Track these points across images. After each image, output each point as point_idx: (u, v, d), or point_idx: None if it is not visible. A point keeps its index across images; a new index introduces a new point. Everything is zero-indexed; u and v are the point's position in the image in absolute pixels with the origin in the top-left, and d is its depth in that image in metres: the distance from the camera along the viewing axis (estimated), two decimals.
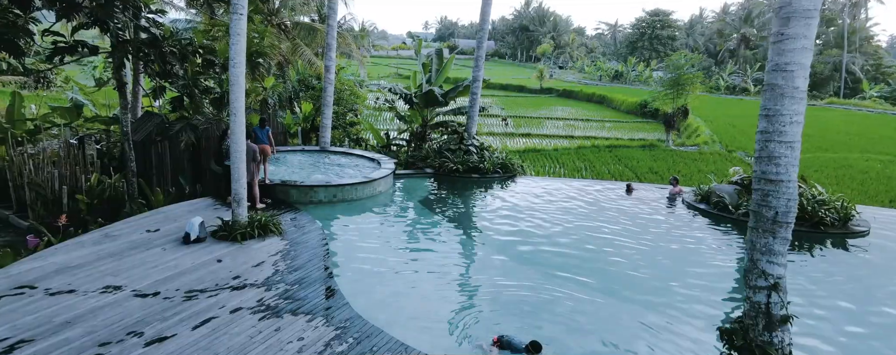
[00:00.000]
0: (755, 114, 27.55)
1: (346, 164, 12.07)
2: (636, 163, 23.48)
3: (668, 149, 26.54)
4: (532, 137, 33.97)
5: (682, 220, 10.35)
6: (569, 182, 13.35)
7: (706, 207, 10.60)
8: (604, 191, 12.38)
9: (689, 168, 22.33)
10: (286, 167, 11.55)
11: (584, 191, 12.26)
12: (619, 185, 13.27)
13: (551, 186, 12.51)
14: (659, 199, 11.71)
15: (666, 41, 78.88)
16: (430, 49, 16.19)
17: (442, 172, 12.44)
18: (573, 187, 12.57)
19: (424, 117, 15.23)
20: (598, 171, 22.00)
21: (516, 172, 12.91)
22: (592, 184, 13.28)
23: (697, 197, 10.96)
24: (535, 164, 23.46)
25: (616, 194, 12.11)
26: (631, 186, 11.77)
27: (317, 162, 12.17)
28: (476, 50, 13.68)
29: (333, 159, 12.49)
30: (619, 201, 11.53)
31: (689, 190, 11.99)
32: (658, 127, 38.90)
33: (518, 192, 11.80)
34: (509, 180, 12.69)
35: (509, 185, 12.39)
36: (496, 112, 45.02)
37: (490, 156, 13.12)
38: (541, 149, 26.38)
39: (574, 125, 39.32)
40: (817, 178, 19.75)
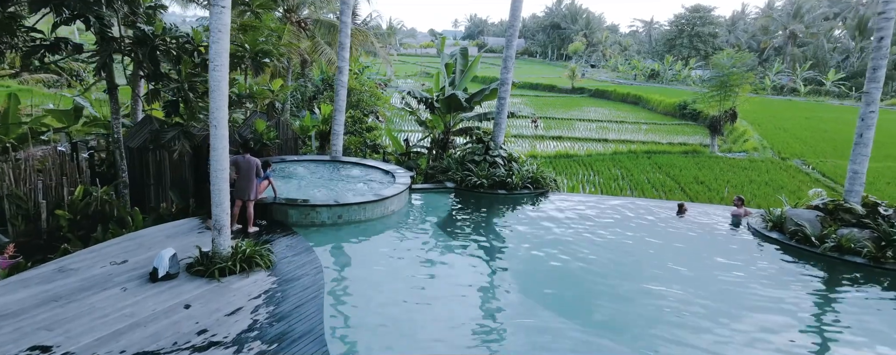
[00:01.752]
0: (806, 116, 25.00)
1: (358, 177, 10.76)
2: (678, 171, 21.48)
3: (714, 156, 24.38)
4: (563, 140, 32.16)
5: (750, 252, 8.63)
6: (607, 200, 11.72)
7: (780, 237, 8.82)
8: (650, 212, 10.71)
9: (739, 177, 20.23)
10: (290, 180, 10.32)
11: (627, 212, 10.61)
12: (666, 204, 11.56)
13: (588, 205, 10.90)
14: (718, 224, 9.95)
15: (707, 38, 75.16)
16: (455, 47, 14.69)
17: (464, 187, 11.00)
18: (613, 207, 10.93)
19: (447, 123, 13.82)
20: (636, 180, 20.15)
21: (548, 187, 11.36)
22: (634, 202, 11.60)
23: (768, 223, 9.16)
24: (568, 172, 21.75)
25: (665, 215, 10.44)
26: (683, 207, 10.05)
27: (325, 174, 10.90)
28: (505, 49, 12.18)
29: (344, 171, 11.21)
30: (669, 225, 9.86)
31: (757, 212, 10.17)
32: (699, 130, 36.41)
33: (551, 213, 10.26)
34: (540, 197, 11.14)
35: (541, 204, 10.85)
36: (526, 113, 43.33)
37: (518, 168, 11.60)
38: (573, 155, 24.61)
39: (607, 127, 37.24)
40: (892, 193, 17.45)
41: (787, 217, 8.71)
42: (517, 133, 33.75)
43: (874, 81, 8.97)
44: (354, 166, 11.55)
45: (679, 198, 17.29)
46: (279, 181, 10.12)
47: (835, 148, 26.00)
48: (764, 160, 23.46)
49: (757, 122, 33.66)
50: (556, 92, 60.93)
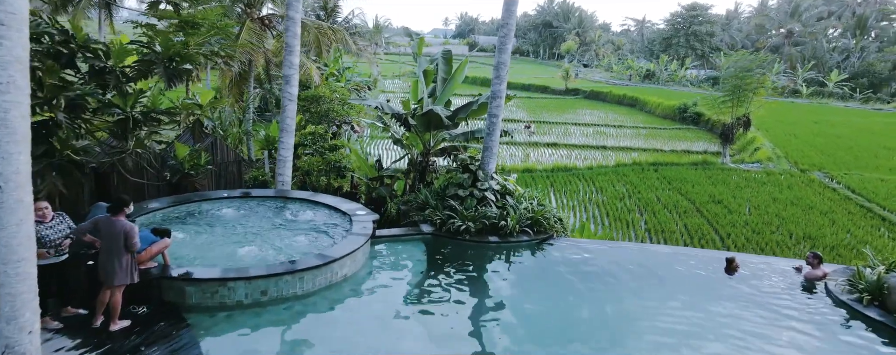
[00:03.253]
0: (814, 120, 22.11)
1: (303, 226, 8.19)
2: (691, 187, 19.13)
3: (726, 168, 22.10)
4: (559, 148, 29.76)
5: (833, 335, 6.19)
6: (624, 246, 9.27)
7: (881, 316, 6.26)
8: (687, 264, 8.27)
9: (760, 195, 17.92)
10: (207, 231, 7.73)
11: (656, 265, 8.17)
12: (708, 254, 9.09)
13: (605, 255, 8.43)
14: (784, 287, 7.32)
15: (704, 38, 73.19)
16: (439, 49, 12.13)
17: (445, 233, 8.48)
18: (637, 257, 8.48)
19: (426, 143, 11.30)
20: (645, 199, 17.76)
21: (553, 230, 8.87)
22: (664, 251, 9.12)
23: (861, 293, 6.59)
24: (568, 189, 19.31)
25: (710, 269, 8.01)
26: (734, 262, 7.59)
27: (262, 218, 8.32)
28: (497, 53, 9.71)
29: (288, 213, 8.64)
30: (715, 288, 7.42)
31: (833, 268, 7.54)
32: (702, 135, 34.20)
33: (560, 272, 7.77)
34: (543, 245, 8.65)
35: (544, 254, 8.35)
36: (520, 116, 40.89)
37: (515, 205, 9.09)
38: (572, 168, 22.18)
39: (605, 132, 34.92)
40: None
41: (892, 286, 6.18)
42: (509, 140, 31.34)
43: None
44: (303, 204, 8.98)
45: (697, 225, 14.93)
46: (192, 232, 7.53)
47: (856, 157, 23.86)
48: (782, 172, 21.21)
49: (764, 128, 31.48)
50: (549, 93, 58.61)
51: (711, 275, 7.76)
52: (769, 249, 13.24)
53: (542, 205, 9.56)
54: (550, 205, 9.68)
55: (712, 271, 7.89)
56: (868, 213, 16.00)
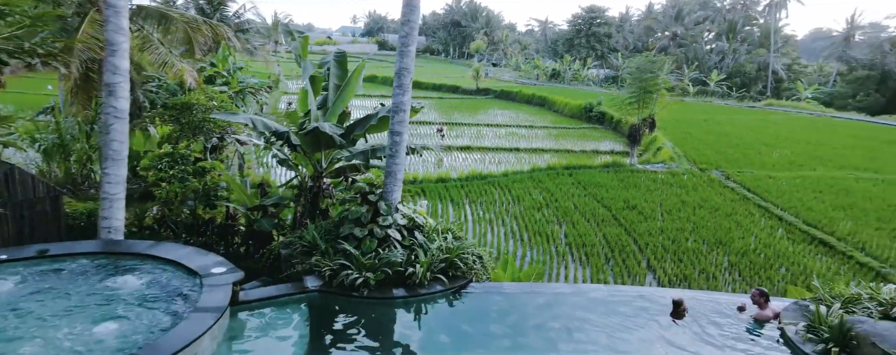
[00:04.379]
0: (703, 118, 22.59)
1: (124, 300, 5.90)
2: (605, 192, 18.85)
3: (635, 170, 22.32)
4: (473, 151, 28.79)
5: None
6: (556, 289, 8.05)
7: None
8: (627, 307, 7.17)
9: (670, 199, 18.01)
10: None
11: (593, 311, 6.97)
12: (650, 293, 8.05)
13: (533, 302, 7.08)
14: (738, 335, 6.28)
15: (602, 38, 77.09)
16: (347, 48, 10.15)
17: (337, 289, 6.64)
18: (571, 302, 7.24)
19: (316, 164, 9.32)
20: (564, 208, 17.08)
21: (472, 272, 7.37)
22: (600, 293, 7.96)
23: (821, 341, 5.51)
24: (484, 199, 18.15)
25: (654, 312, 6.95)
26: (682, 306, 6.51)
27: (55, 296, 5.89)
28: (398, 58, 8.03)
29: (108, 278, 6.26)
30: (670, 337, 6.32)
31: (783, 305, 6.59)
32: (607, 134, 35.17)
33: (480, 332, 6.28)
34: (460, 293, 7.10)
35: (462, 308, 6.81)
36: (432, 118, 39.57)
37: (425, 244, 7.47)
38: (487, 176, 21.13)
39: (517, 133, 34.68)
40: (828, 211, 16.03)
41: (859, 335, 5.29)
42: (422, 144, 29.87)
43: None
44: (136, 260, 6.64)
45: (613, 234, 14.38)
46: None
47: (743, 154, 25.36)
48: (684, 172, 21.78)
49: (662, 127, 32.87)
50: (460, 93, 58.09)
51: (657, 320, 6.68)
52: (687, 259, 12.92)
53: (459, 239, 8.04)
54: (467, 238, 8.17)
55: (656, 313, 6.82)
56: (766, 213, 16.54)
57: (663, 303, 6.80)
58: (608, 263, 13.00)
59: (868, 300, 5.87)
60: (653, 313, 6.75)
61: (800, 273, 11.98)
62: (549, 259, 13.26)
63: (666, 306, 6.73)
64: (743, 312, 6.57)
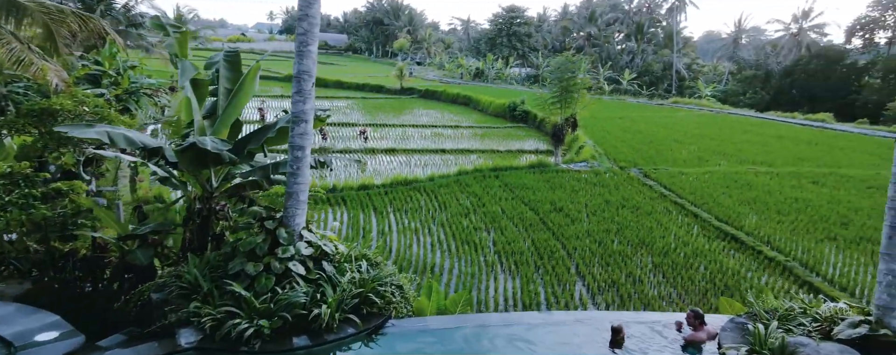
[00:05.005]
0: (619, 116, 23.27)
1: None
2: (532, 194, 18.67)
3: (559, 169, 22.46)
4: (397, 154, 27.81)
5: None
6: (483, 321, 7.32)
7: None
8: (561, 335, 6.58)
9: (595, 199, 18.16)
10: None
11: (524, 342, 6.30)
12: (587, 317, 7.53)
13: (460, 338, 6.29)
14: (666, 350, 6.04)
15: (523, 38, 78.86)
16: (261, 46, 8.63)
17: (221, 343, 5.42)
18: (502, 334, 6.52)
19: (205, 183, 7.91)
20: (491, 213, 16.61)
21: (391, 306, 6.43)
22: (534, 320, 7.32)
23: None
24: (409, 207, 17.24)
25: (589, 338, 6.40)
26: (621, 333, 5.97)
27: None
28: (297, 59, 6.90)
29: None
30: None
31: (720, 322, 6.27)
32: (532, 133, 35.64)
33: None
34: (376, 335, 6.13)
35: (381, 353, 5.85)
36: (355, 119, 37.98)
37: (335, 276, 6.41)
38: (412, 181, 20.23)
39: (443, 134, 34.15)
40: (735, 206, 16.86)
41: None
42: (344, 146, 28.41)
43: None
44: None
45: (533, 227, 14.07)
46: None
47: (657, 151, 26.48)
48: (606, 171, 22.24)
49: (582, 125, 33.82)
50: (385, 93, 56.75)
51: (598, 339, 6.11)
52: (614, 263, 12.85)
53: (376, 266, 7.07)
54: (386, 265, 7.21)
55: (597, 338, 6.27)
56: (682, 210, 17.10)
57: (601, 329, 6.27)
58: (538, 272, 12.61)
59: (802, 315, 5.69)
60: (593, 339, 6.19)
61: (717, 271, 12.27)
62: (477, 270, 12.64)
63: (604, 330, 6.20)
64: (680, 330, 6.20)
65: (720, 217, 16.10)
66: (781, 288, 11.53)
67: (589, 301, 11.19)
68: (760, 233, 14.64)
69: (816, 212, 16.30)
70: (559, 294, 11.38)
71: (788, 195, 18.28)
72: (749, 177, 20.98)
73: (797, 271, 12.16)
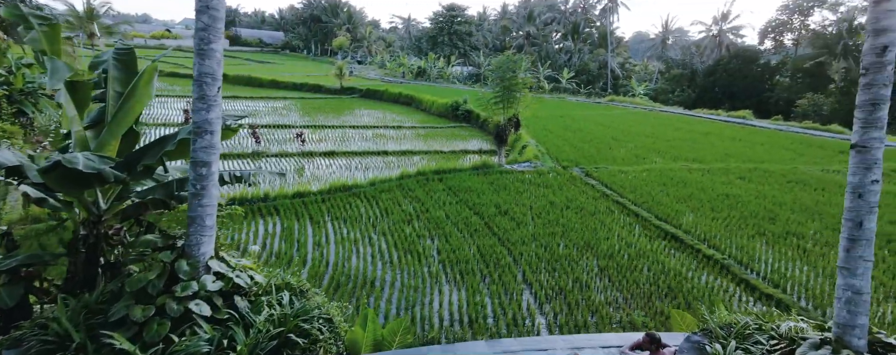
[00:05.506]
0: (559, 114, 23.25)
1: None
2: (477, 197, 18.21)
3: (503, 170, 22.19)
4: (337, 156, 26.59)
5: None
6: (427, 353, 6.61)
7: None
8: None
9: (539, 200, 17.96)
10: None
11: None
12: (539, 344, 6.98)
13: None
14: None
15: (464, 37, 78.91)
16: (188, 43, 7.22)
17: None
18: None
19: (93, 205, 6.67)
20: (435, 219, 15.96)
21: (321, 344, 5.55)
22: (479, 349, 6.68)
23: None
24: (348, 215, 16.25)
25: None
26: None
27: None
28: (197, 59, 5.86)
29: None
30: None
31: (676, 339, 6.05)
32: (475, 132, 35.41)
33: None
34: None
35: None
36: (292, 121, 36.15)
37: (250, 313, 5.47)
38: (352, 186, 19.21)
39: (385, 135, 33.17)
40: (672, 204, 17.21)
41: None
42: (280, 150, 26.79)
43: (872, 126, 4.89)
44: None
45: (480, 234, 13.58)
46: None
47: (597, 150, 26.91)
48: (549, 170, 22.22)
49: (524, 124, 33.99)
50: (324, 92, 54.77)
51: None
52: (561, 268, 12.56)
53: (301, 296, 6.17)
54: (315, 293, 6.32)
55: None
56: (624, 210, 17.22)
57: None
58: (484, 281, 12.09)
59: (759, 331, 5.43)
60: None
61: (660, 272, 12.26)
62: (421, 283, 11.93)
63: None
64: None
65: (660, 215, 16.32)
66: (721, 287, 11.66)
67: (537, 311, 10.78)
68: (697, 231, 14.92)
69: (746, 208, 16.91)
70: (506, 305, 10.90)
71: (720, 191, 18.91)
72: (683, 175, 21.62)
73: (734, 269, 12.38)
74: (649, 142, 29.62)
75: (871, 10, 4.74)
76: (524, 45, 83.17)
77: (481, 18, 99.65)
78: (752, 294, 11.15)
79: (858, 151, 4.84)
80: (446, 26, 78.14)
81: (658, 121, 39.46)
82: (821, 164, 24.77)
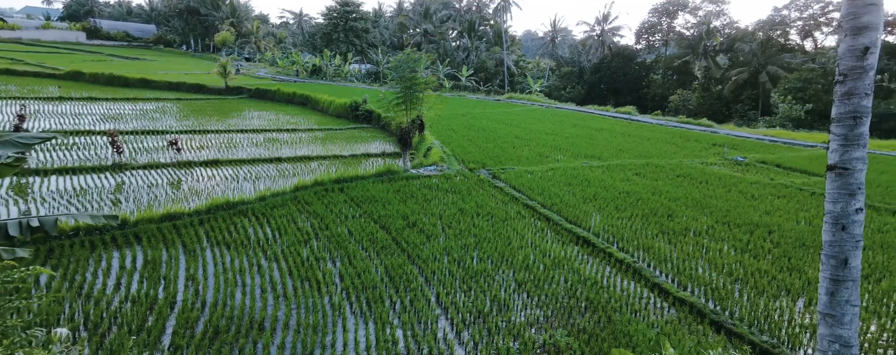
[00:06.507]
0: (463, 113, 21.97)
1: None
2: (382, 208, 16.72)
3: (409, 176, 20.92)
4: (222, 166, 23.48)
5: None
6: None
7: None
8: None
9: (450, 208, 16.93)
10: None
11: None
12: None
13: None
14: None
15: (360, 33, 76.23)
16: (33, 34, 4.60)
17: None
18: None
19: None
20: (337, 237, 14.23)
21: None
22: None
23: None
24: (234, 240, 13.92)
25: None
26: None
27: None
28: None
29: None
30: None
31: None
32: (377, 134, 33.72)
33: None
34: None
35: None
36: (166, 125, 31.61)
37: None
38: (238, 203, 16.72)
39: (278, 139, 30.30)
40: (579, 204, 17.16)
41: None
42: (150, 161, 23.01)
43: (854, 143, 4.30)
44: None
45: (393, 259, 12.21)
46: None
47: (502, 150, 26.69)
48: (456, 174, 21.37)
49: (428, 124, 33.05)
50: (207, 93, 49.40)
51: None
52: (478, 286, 11.59)
53: None
54: None
55: None
56: (534, 214, 16.81)
57: None
58: (395, 310, 10.71)
59: None
60: None
61: (577, 282, 11.80)
62: (321, 319, 10.25)
63: None
64: None
65: (569, 218, 16.10)
66: (636, 294, 11.43)
67: (455, 341, 9.66)
68: (606, 233, 14.83)
69: (646, 205, 17.33)
70: (421, 337, 9.63)
71: (621, 189, 19.33)
72: (586, 173, 21.95)
73: (645, 272, 12.29)
74: (550, 140, 30.13)
75: (848, 4, 4.15)
76: (422, 42, 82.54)
77: (377, 15, 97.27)
78: (666, 299, 11.03)
79: (838, 174, 4.23)
80: (341, 22, 74.88)
81: (556, 118, 40.71)
82: (700, 157, 26.78)
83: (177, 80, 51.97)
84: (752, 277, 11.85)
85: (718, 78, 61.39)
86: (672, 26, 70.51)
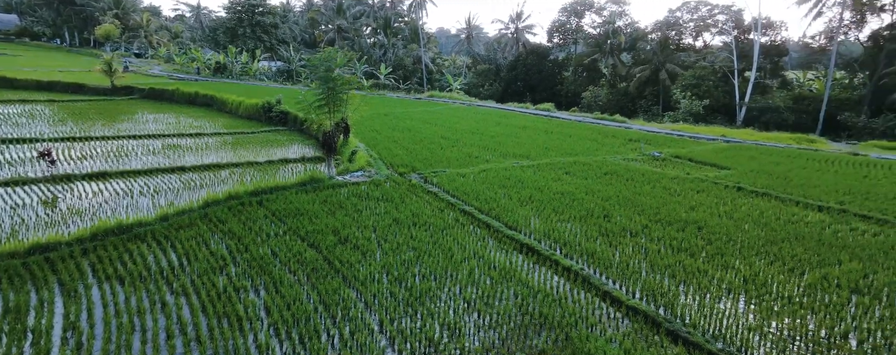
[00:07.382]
0: (386, 113, 19.98)
1: None
2: (309, 223, 15.13)
3: (336, 184, 19.34)
4: (111, 179, 20.34)
5: None
6: None
7: None
8: None
9: (384, 219, 15.71)
10: None
11: None
12: None
13: None
14: None
15: (269, 29, 71.48)
16: None
17: None
18: None
19: None
20: (261, 263, 12.50)
21: None
22: None
23: None
24: (129, 273, 11.69)
25: None
26: None
27: None
28: None
29: None
30: None
31: None
32: (295, 136, 31.39)
33: None
34: None
35: None
36: (37, 131, 26.89)
37: None
38: (133, 225, 14.26)
39: (180, 146, 27.08)
40: (517, 208, 16.69)
41: None
42: (13, 176, 19.26)
43: None
44: None
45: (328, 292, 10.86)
46: None
47: (431, 152, 25.82)
48: (386, 180, 20.14)
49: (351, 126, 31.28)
50: (88, 93, 43.41)
51: None
52: (424, 308, 10.59)
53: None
54: None
55: None
56: (473, 220, 16.11)
57: None
58: (333, 345, 9.41)
59: None
60: None
61: (527, 295, 11.23)
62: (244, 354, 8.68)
63: None
64: None
65: (509, 224, 15.58)
66: (589, 304, 11.07)
67: None
68: (549, 239, 14.46)
69: (582, 206, 17.32)
70: None
71: (555, 189, 19.24)
72: (518, 173, 21.71)
73: (593, 280, 12.01)
74: (477, 139, 29.75)
75: None
76: (336, 39, 79.35)
77: (285, 9, 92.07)
78: (619, 309, 10.77)
79: None
80: (247, 16, 69.68)
81: (478, 116, 40.59)
82: (620, 153, 27.77)
83: (49, 78, 45.13)
84: (693, 278, 12.00)
85: (624, 75, 65.27)
86: (580, 25, 73.93)
